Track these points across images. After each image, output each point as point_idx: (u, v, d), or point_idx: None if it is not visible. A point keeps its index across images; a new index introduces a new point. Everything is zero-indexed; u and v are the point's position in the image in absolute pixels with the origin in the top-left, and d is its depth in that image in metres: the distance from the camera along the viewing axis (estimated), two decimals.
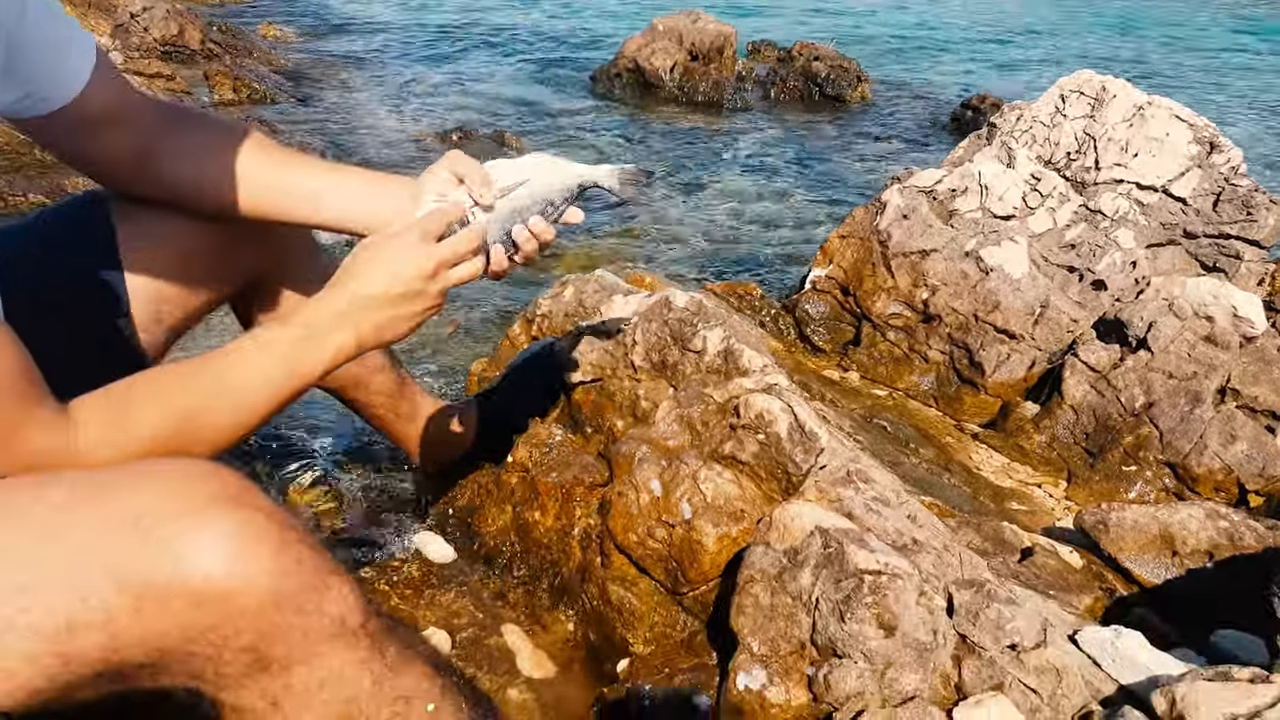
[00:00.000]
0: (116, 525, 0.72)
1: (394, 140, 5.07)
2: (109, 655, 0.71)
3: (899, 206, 2.77)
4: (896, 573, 1.16)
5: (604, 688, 1.41)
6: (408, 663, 0.85)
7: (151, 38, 5.76)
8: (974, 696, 1.13)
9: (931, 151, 5.67)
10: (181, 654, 0.73)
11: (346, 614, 0.78)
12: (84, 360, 1.23)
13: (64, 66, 1.09)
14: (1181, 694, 1.02)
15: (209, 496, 0.74)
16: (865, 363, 2.69)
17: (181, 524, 0.72)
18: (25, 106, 1.08)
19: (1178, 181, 2.75)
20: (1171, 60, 9.40)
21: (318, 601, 0.76)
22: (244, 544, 0.73)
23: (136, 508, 0.73)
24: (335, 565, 0.80)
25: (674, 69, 6.60)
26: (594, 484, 1.60)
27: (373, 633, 0.81)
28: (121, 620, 0.70)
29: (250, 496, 0.77)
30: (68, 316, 1.22)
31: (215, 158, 1.25)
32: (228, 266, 1.38)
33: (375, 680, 0.80)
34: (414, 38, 7.67)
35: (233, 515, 0.74)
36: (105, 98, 1.15)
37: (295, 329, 1.04)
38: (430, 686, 0.86)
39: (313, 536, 0.80)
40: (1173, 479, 2.28)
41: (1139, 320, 2.40)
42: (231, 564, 0.72)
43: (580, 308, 2.01)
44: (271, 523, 0.76)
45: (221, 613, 0.72)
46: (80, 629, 0.69)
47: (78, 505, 0.74)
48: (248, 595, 0.73)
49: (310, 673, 0.77)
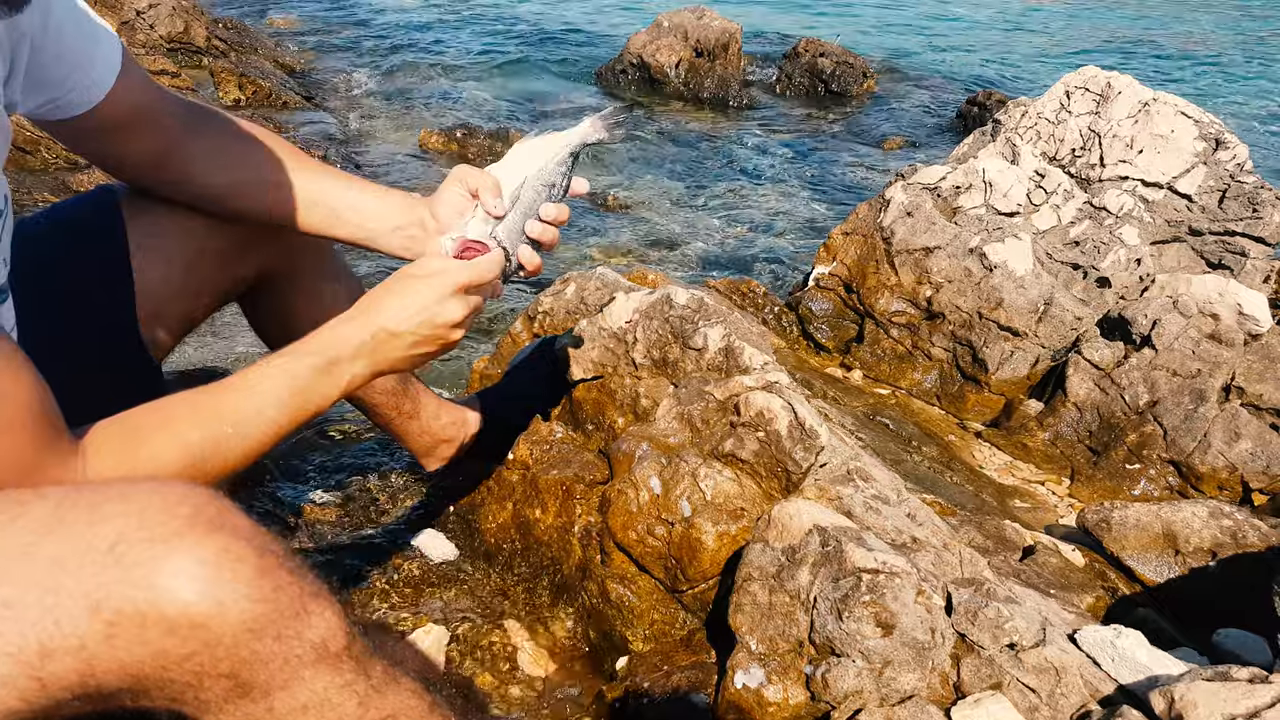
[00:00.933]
0: (92, 548, 0.70)
1: (398, 138, 5.08)
2: (85, 680, 0.69)
3: (903, 203, 2.76)
4: (894, 571, 1.16)
5: (603, 685, 1.41)
6: (394, 681, 0.83)
7: (157, 35, 5.77)
8: (972, 695, 1.12)
9: (936, 148, 5.65)
10: (159, 680, 0.71)
11: (328, 638, 0.76)
12: (92, 355, 1.24)
13: (88, 73, 1.09)
14: (1180, 694, 1.01)
15: (187, 520, 0.72)
16: (868, 360, 2.69)
17: (156, 550, 0.70)
18: (49, 111, 1.09)
19: (1183, 178, 2.74)
20: (1178, 55, 9.35)
21: (297, 628, 0.74)
22: (220, 570, 0.71)
23: (114, 531, 0.71)
24: (317, 588, 0.78)
25: (679, 65, 6.59)
26: (594, 481, 1.59)
27: (357, 654, 0.79)
28: (95, 647, 0.69)
29: (228, 519, 0.75)
30: (76, 311, 1.23)
31: (236, 164, 1.26)
32: (238, 264, 1.38)
33: (361, 702, 0.79)
34: (418, 31, 7.68)
35: (209, 540, 0.72)
36: (129, 103, 1.15)
37: (313, 358, 1.05)
38: (418, 704, 0.85)
39: (294, 559, 0.78)
40: (1176, 477, 2.27)
41: (1143, 318, 2.39)
42: (207, 591, 0.70)
43: (582, 305, 2.00)
44: (250, 548, 0.74)
45: (198, 641, 0.71)
46: (54, 653, 0.68)
47: (56, 525, 0.72)
48: (224, 623, 0.71)
49: (293, 698, 0.76)
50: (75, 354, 1.17)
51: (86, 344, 1.24)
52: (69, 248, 1.27)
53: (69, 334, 1.21)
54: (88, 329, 1.26)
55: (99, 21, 1.10)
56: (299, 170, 1.28)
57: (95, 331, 1.28)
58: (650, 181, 4.82)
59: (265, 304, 1.50)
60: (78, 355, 1.21)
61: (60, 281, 1.23)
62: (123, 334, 1.31)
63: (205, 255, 1.34)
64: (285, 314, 1.51)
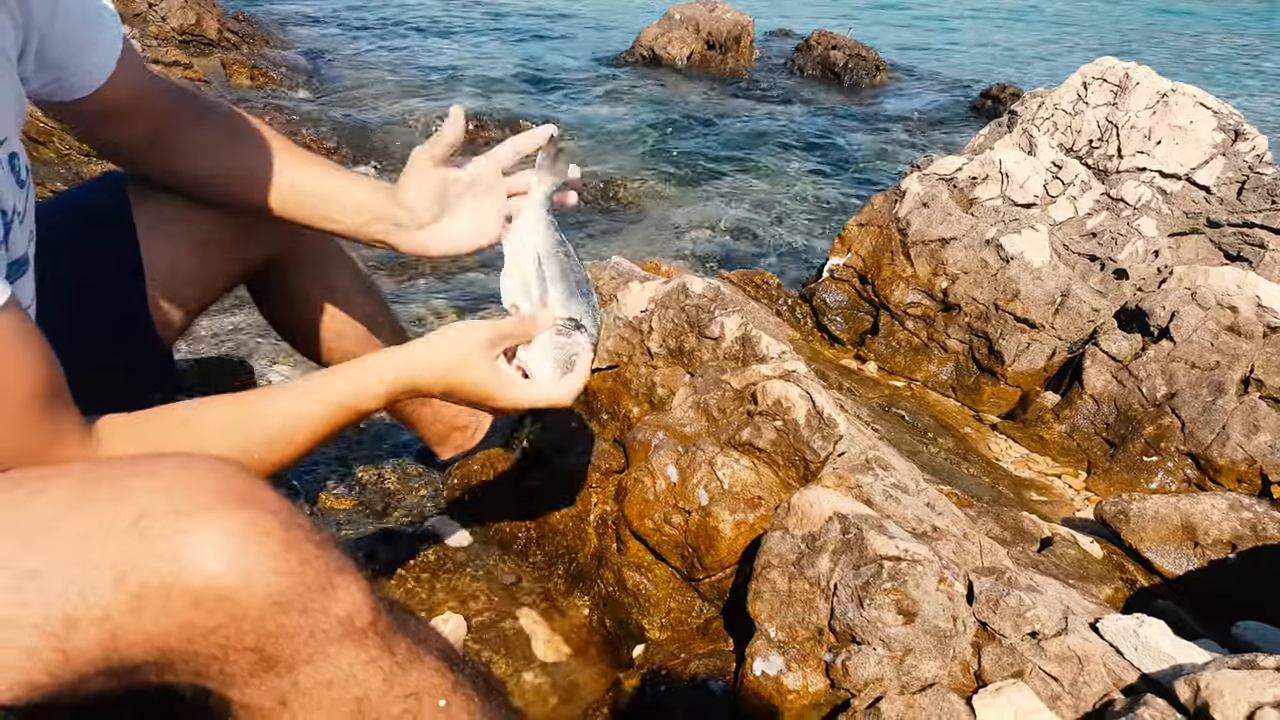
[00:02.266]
0: (118, 521, 0.70)
1: (409, 128, 5.07)
2: (109, 653, 0.69)
3: (918, 194, 2.74)
4: (916, 559, 1.15)
5: (620, 673, 1.41)
6: (419, 659, 0.83)
7: (169, 26, 5.78)
8: (994, 684, 1.11)
9: (950, 140, 5.63)
10: (185, 653, 0.71)
11: (354, 613, 0.76)
12: (104, 339, 1.24)
13: (91, 57, 1.10)
14: (1206, 682, 1.00)
15: (213, 493, 0.72)
16: (883, 352, 2.67)
17: (183, 522, 0.70)
18: (52, 91, 1.09)
19: (1201, 170, 2.72)
20: (1195, 46, 9.29)
21: (323, 602, 0.74)
22: (247, 544, 0.71)
23: (139, 504, 0.71)
24: (343, 563, 0.77)
25: (690, 57, 6.58)
26: (610, 470, 1.59)
27: (382, 630, 0.79)
28: (120, 618, 0.69)
29: (255, 493, 0.75)
30: (87, 295, 1.23)
31: (224, 154, 1.25)
32: (246, 248, 1.38)
33: (385, 678, 0.79)
34: (428, 21, 7.67)
35: (236, 514, 0.72)
36: (128, 87, 1.15)
37: (342, 392, 1.02)
38: (441, 682, 0.84)
39: (320, 533, 0.77)
40: (1194, 470, 2.25)
41: (1161, 310, 2.37)
42: (233, 564, 0.70)
43: (596, 294, 2.00)
44: (276, 521, 0.73)
45: (223, 614, 0.70)
46: (79, 625, 0.68)
47: (82, 499, 0.72)
48: (250, 597, 0.71)
49: (318, 672, 0.76)
50: (86, 338, 1.17)
51: (98, 328, 1.24)
52: (80, 232, 1.27)
53: (80, 318, 1.21)
54: (99, 313, 1.26)
55: (103, 8, 1.10)
56: (288, 163, 1.26)
57: (107, 316, 1.28)
58: (660, 173, 4.81)
59: (273, 287, 1.51)
60: (89, 339, 1.21)
61: (71, 266, 1.23)
62: (134, 318, 1.31)
63: (213, 240, 1.34)
64: (292, 297, 1.52)
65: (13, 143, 0.89)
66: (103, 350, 1.22)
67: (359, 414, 1.03)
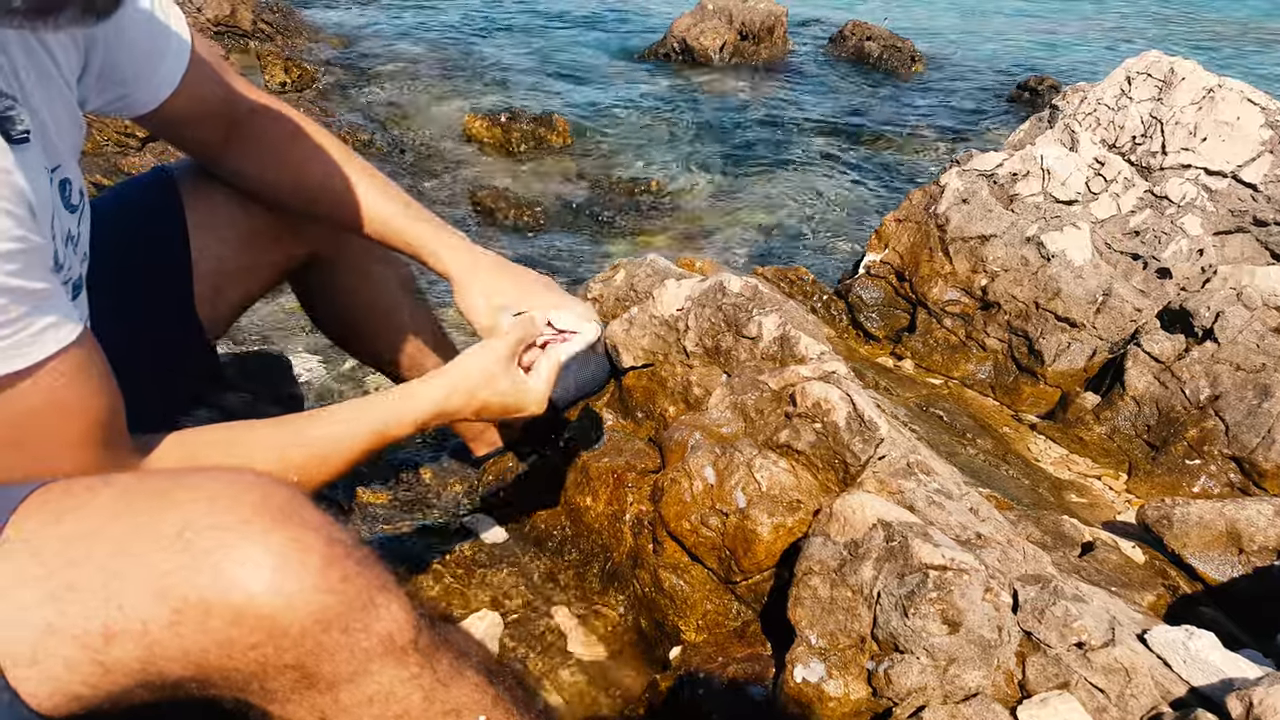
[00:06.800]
0: (160, 535, 0.70)
1: (442, 122, 5.08)
2: (147, 666, 0.69)
3: (958, 190, 2.71)
4: (963, 568, 1.13)
5: (656, 674, 1.40)
6: (459, 674, 0.82)
7: (205, 18, 5.82)
8: (1039, 695, 1.10)
9: (987, 134, 5.56)
10: (224, 669, 0.71)
11: (395, 631, 0.76)
12: (148, 337, 1.25)
13: (154, 75, 1.10)
14: (1259, 698, 0.98)
15: (255, 508, 0.72)
16: (920, 350, 2.64)
17: (224, 538, 0.70)
18: (117, 108, 1.10)
19: (1248, 167, 2.66)
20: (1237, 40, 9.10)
21: (365, 620, 0.74)
22: (288, 561, 0.70)
23: (182, 516, 0.71)
24: (385, 580, 0.77)
25: (723, 49, 6.54)
26: (645, 470, 1.58)
27: (423, 647, 0.78)
28: (159, 633, 0.68)
29: (297, 509, 0.74)
30: (134, 292, 1.24)
31: (289, 163, 1.27)
32: (292, 243, 1.40)
33: (426, 695, 0.79)
34: (460, 13, 7.68)
35: (277, 531, 0.71)
36: (194, 98, 1.17)
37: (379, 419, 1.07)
38: (481, 697, 0.84)
39: (362, 550, 0.77)
40: (1238, 474, 2.21)
41: (1205, 310, 2.32)
42: (274, 582, 0.70)
43: (632, 291, 1.99)
44: (318, 538, 0.73)
45: (264, 631, 0.70)
46: (117, 638, 0.68)
47: (124, 511, 0.72)
48: (290, 615, 0.70)
49: (359, 690, 0.75)
50: (132, 336, 1.18)
51: (144, 325, 1.25)
52: (131, 229, 1.29)
53: (127, 315, 1.23)
54: (146, 310, 1.27)
55: (170, 21, 1.11)
56: (351, 175, 1.28)
57: (153, 313, 1.29)
58: (694, 167, 4.79)
59: (315, 282, 1.52)
60: (135, 337, 1.22)
61: (120, 262, 1.24)
62: (181, 313, 1.32)
63: (260, 235, 1.35)
64: (334, 292, 1.53)
65: (67, 169, 0.90)
66: (148, 344, 1.23)
67: (392, 440, 1.09)
